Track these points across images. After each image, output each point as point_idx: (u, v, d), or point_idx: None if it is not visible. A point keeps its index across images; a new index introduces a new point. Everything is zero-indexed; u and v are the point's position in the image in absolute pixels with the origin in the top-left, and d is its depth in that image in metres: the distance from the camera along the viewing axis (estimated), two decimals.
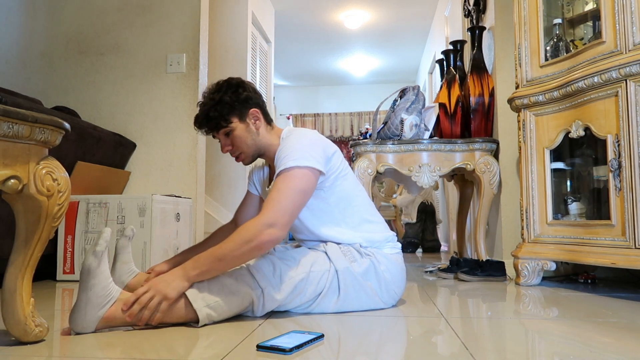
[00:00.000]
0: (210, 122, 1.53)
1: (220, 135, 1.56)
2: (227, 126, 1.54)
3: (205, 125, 1.55)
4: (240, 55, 4.26)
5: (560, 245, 2.04)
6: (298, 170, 1.41)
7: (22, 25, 3.14)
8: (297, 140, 1.50)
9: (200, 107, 1.57)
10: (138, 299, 1.23)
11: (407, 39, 6.35)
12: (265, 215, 1.33)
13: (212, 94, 1.54)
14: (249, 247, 1.30)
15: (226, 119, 1.53)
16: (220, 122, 1.53)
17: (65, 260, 2.32)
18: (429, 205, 4.69)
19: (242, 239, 1.30)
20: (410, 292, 1.96)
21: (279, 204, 1.35)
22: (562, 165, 2.18)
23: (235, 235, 1.32)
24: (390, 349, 1.12)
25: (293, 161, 1.42)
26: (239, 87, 1.56)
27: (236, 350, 1.06)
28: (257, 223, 1.32)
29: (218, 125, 1.53)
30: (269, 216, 1.33)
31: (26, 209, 1.08)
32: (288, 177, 1.41)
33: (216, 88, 1.56)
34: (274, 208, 1.35)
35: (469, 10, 3.19)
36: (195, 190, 2.85)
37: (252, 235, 1.30)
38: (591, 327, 1.33)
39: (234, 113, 1.53)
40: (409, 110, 2.67)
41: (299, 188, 1.40)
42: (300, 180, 1.41)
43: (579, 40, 2.24)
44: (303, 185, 1.41)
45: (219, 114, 1.52)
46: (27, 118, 1.03)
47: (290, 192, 1.38)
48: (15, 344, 1.11)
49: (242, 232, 1.32)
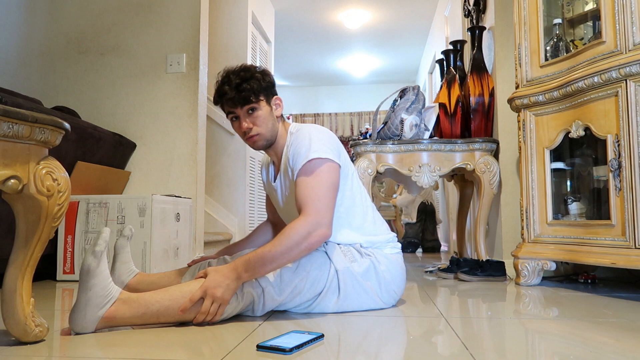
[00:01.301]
0: (241, 93, 1.49)
1: (243, 112, 1.51)
2: (256, 102, 1.51)
3: (234, 96, 1.49)
4: (240, 55, 4.26)
5: (560, 245, 2.04)
6: (322, 161, 1.43)
7: (22, 25, 3.14)
8: (313, 133, 1.51)
9: (225, 80, 1.52)
10: (194, 302, 1.27)
11: (407, 39, 6.35)
12: (311, 217, 1.36)
13: (241, 71, 1.52)
14: (300, 249, 1.35)
15: (256, 95, 1.50)
16: (251, 97, 1.49)
17: (65, 260, 2.32)
18: (429, 205, 4.69)
19: (293, 241, 1.33)
20: (410, 292, 1.96)
21: (319, 202, 1.38)
22: (562, 165, 2.18)
23: (284, 238, 1.34)
24: (390, 349, 1.11)
25: (314, 152, 1.44)
26: (267, 72, 1.57)
27: (236, 350, 1.06)
28: (305, 225, 1.35)
29: (247, 100, 1.49)
30: (314, 217, 1.36)
31: (26, 209, 1.08)
32: (315, 172, 1.42)
33: (244, 67, 1.54)
34: (316, 207, 1.37)
35: (469, 10, 3.19)
36: (195, 190, 2.85)
37: (302, 238, 1.34)
38: (591, 327, 1.32)
39: (263, 93, 1.52)
40: (409, 110, 2.67)
41: (330, 182, 1.43)
42: (327, 175, 1.43)
43: (579, 40, 2.24)
44: (332, 179, 1.44)
45: (250, 88, 1.49)
46: (27, 118, 1.03)
47: (323, 188, 1.41)
48: (15, 344, 1.11)
49: (292, 235, 1.34)
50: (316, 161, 1.44)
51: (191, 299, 1.26)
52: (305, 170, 1.43)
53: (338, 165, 1.48)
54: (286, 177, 1.59)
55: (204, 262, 1.65)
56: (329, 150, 1.47)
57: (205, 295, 1.27)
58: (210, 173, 4.02)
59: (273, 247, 1.33)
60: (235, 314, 1.35)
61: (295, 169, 1.46)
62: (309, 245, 1.35)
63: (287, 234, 1.34)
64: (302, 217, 1.36)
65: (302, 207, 1.39)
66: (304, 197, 1.39)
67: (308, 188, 1.40)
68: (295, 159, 1.47)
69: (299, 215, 1.39)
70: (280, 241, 1.33)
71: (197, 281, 1.32)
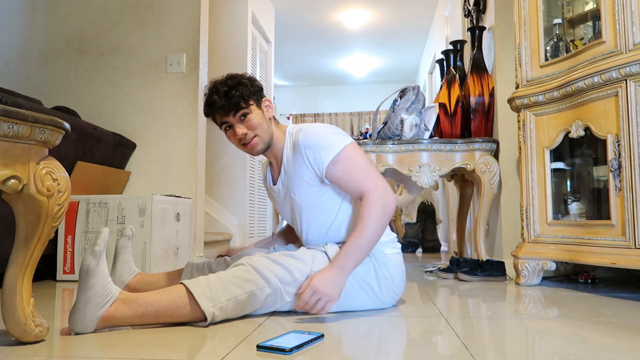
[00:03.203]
0: (230, 100, 1.51)
1: (236, 119, 1.53)
2: (247, 107, 1.53)
3: (224, 105, 1.51)
4: (240, 55, 4.26)
5: (560, 245, 2.04)
6: (343, 149, 1.50)
7: (22, 26, 3.14)
8: (320, 131, 1.54)
9: (212, 90, 1.54)
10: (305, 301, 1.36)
11: (407, 39, 6.35)
12: (374, 193, 1.46)
13: (228, 79, 1.54)
14: (383, 222, 1.45)
15: (246, 100, 1.52)
16: (241, 103, 1.51)
17: (65, 260, 2.32)
18: (429, 205, 4.69)
19: (376, 219, 1.43)
20: (410, 292, 1.96)
21: (370, 178, 1.48)
22: (562, 165, 2.18)
23: (366, 221, 1.43)
24: (390, 349, 1.11)
25: (333, 148, 1.49)
26: (253, 78, 1.60)
27: (236, 350, 1.06)
28: (375, 201, 1.45)
29: (237, 106, 1.51)
30: (376, 191, 1.46)
31: (26, 209, 1.08)
32: (346, 160, 1.50)
33: (230, 76, 1.56)
34: (372, 183, 1.47)
35: (469, 10, 3.19)
36: (195, 190, 2.85)
37: (381, 212, 1.44)
38: (591, 327, 1.32)
39: (253, 97, 1.54)
40: (409, 110, 2.67)
41: (361, 158, 1.52)
42: (356, 154, 1.52)
43: (579, 40, 2.24)
44: (360, 154, 1.53)
45: (240, 94, 1.51)
46: (27, 118, 1.03)
47: (362, 166, 1.51)
48: (15, 344, 1.11)
49: (372, 215, 1.43)
50: (340, 153, 1.50)
51: (302, 299, 1.36)
52: (336, 164, 1.50)
53: (355, 142, 1.55)
54: (288, 178, 1.59)
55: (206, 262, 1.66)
56: (341, 137, 1.53)
57: (314, 292, 1.35)
58: (210, 173, 4.02)
59: (362, 232, 1.42)
60: (239, 315, 1.35)
61: (322, 168, 1.51)
62: (389, 214, 1.47)
63: (367, 216, 1.43)
64: (368, 197, 1.46)
65: (360, 191, 1.48)
66: (354, 183, 1.49)
67: (352, 173, 1.49)
68: (318, 161, 1.51)
69: (363, 195, 1.47)
70: (365, 225, 1.42)
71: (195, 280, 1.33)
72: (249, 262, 1.40)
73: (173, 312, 1.27)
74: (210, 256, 3.19)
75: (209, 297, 1.28)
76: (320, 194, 1.56)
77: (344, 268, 1.41)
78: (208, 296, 1.28)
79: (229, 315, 1.32)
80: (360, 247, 1.43)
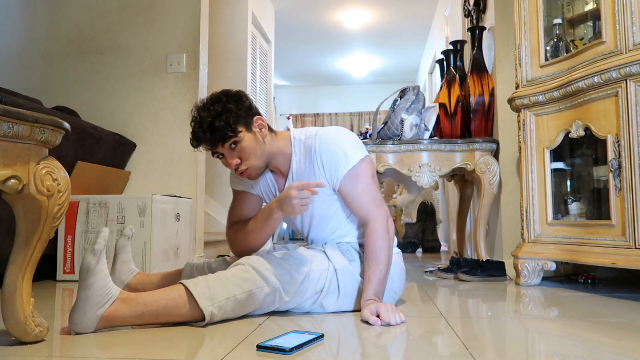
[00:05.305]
0: (215, 133, 1.41)
1: (226, 149, 1.45)
2: (236, 136, 1.43)
3: (210, 138, 1.42)
4: (240, 55, 4.26)
5: (560, 245, 2.04)
6: (360, 162, 1.50)
7: (22, 26, 3.14)
8: (338, 138, 1.51)
9: (197, 122, 1.43)
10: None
11: (407, 39, 6.35)
12: (379, 218, 1.49)
13: (212, 105, 1.43)
14: (391, 244, 1.50)
15: (233, 129, 1.41)
16: (228, 133, 1.41)
17: (65, 260, 2.32)
18: (429, 205, 4.69)
19: (387, 247, 1.47)
20: (410, 292, 1.96)
21: (375, 202, 1.51)
22: (562, 165, 2.18)
23: (379, 252, 1.45)
24: (390, 349, 1.12)
25: (352, 159, 1.49)
26: (239, 96, 1.48)
27: (236, 350, 1.06)
28: (380, 227, 1.48)
29: (225, 137, 1.41)
30: (380, 216, 1.50)
31: (26, 209, 1.08)
32: (359, 175, 1.50)
33: (214, 99, 1.45)
34: (376, 207, 1.50)
35: (469, 10, 3.19)
36: (195, 190, 2.85)
37: (387, 237, 1.48)
38: (591, 327, 1.32)
39: (241, 122, 1.43)
40: (409, 110, 2.67)
41: (371, 178, 1.54)
42: (368, 172, 1.53)
43: (579, 40, 2.24)
44: (372, 173, 1.55)
45: (225, 124, 1.40)
46: (27, 118, 1.03)
47: (370, 187, 1.52)
48: (15, 344, 1.11)
49: (383, 245, 1.47)
50: (356, 166, 1.49)
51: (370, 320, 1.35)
52: (350, 177, 1.49)
53: (369, 156, 1.58)
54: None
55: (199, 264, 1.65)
56: (359, 148, 1.53)
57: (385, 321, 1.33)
58: (210, 173, 4.02)
59: (379, 266, 1.44)
60: (238, 315, 1.35)
61: (338, 179, 1.50)
62: (392, 236, 1.52)
63: (378, 248, 1.46)
64: (374, 227, 1.48)
65: (363, 216, 1.51)
66: (359, 204, 1.51)
67: (360, 194, 1.50)
68: (332, 171, 1.50)
69: (367, 220, 1.50)
70: (378, 256, 1.45)
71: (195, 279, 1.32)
72: (248, 262, 1.39)
73: (172, 311, 1.27)
74: (210, 256, 3.18)
75: (207, 296, 1.28)
76: (332, 202, 1.55)
77: (380, 297, 1.44)
78: (207, 295, 1.28)
79: (228, 314, 1.32)
80: (382, 277, 1.45)
